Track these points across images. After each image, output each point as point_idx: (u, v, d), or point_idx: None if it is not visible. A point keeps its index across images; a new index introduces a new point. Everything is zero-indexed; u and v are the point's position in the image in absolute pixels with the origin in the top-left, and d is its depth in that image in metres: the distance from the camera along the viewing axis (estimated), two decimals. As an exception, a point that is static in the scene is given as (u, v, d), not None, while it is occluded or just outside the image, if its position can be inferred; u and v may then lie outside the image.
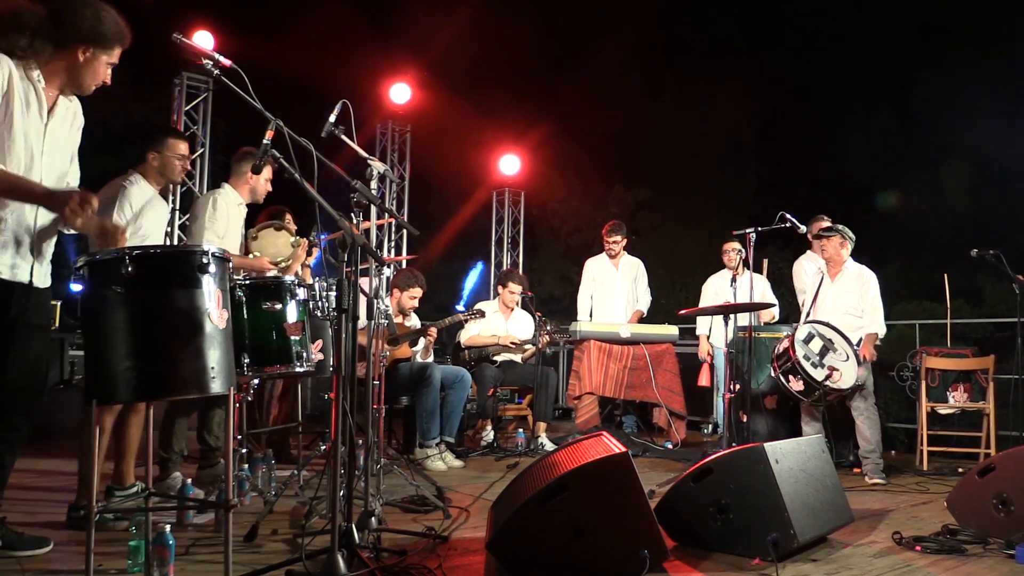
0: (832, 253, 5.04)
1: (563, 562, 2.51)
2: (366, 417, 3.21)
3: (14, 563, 2.54)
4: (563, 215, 20.05)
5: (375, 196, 3.04)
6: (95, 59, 2.58)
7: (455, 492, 3.96)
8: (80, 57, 2.56)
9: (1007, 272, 5.04)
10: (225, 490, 2.19)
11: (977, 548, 3.04)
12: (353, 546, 2.48)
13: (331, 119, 3.15)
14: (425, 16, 16.77)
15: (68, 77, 2.60)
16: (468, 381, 5.12)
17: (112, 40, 2.59)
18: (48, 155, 2.59)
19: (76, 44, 2.54)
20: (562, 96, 19.50)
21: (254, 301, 3.18)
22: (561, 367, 8.33)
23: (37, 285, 2.60)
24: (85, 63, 2.57)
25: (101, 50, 2.58)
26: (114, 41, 2.59)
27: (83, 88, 2.64)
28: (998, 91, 17.95)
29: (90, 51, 2.56)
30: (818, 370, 4.55)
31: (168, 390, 2.27)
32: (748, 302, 4.71)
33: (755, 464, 2.90)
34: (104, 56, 2.59)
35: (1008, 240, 7.78)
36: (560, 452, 3.10)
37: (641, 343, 6.02)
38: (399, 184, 9.27)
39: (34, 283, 2.58)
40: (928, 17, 20.03)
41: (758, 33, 21.97)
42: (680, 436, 5.98)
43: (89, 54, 2.56)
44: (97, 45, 2.56)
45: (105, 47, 2.58)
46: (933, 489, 4.46)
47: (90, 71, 2.59)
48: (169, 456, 3.78)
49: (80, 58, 2.56)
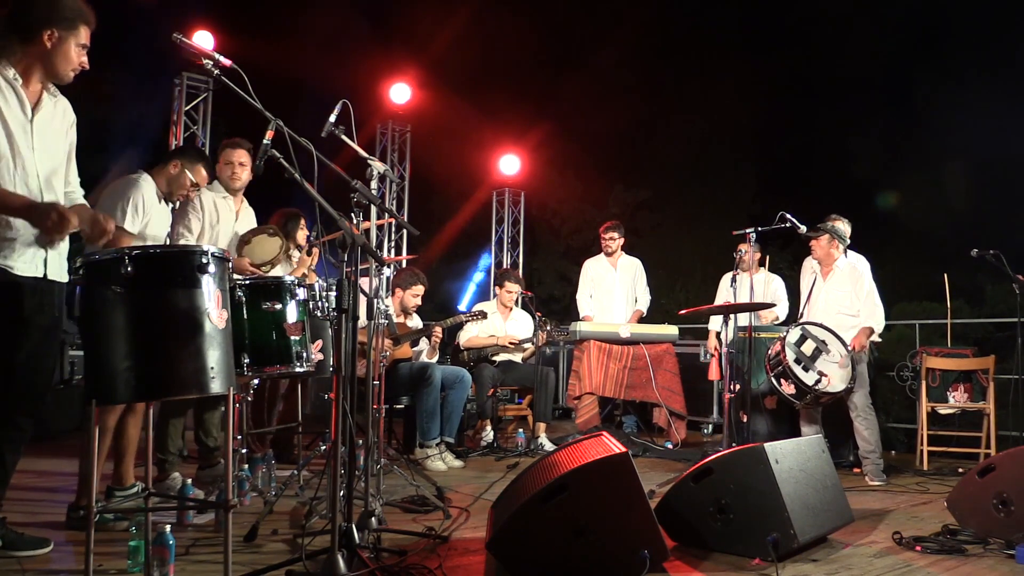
0: (822, 254, 5.01)
1: (563, 562, 2.51)
2: (366, 417, 3.21)
3: (14, 563, 2.54)
4: (563, 215, 20.03)
5: (375, 196, 3.04)
6: (63, 43, 2.55)
7: (455, 492, 3.96)
8: (47, 43, 2.53)
9: (1007, 272, 5.04)
10: (225, 490, 2.19)
11: (977, 548, 3.04)
12: (353, 546, 2.48)
13: (331, 119, 3.15)
14: (425, 16, 16.77)
15: (43, 68, 2.58)
16: (468, 381, 5.12)
17: (73, 19, 2.56)
18: (39, 152, 2.59)
19: (39, 31, 2.52)
20: (562, 96, 19.50)
21: (254, 301, 3.18)
22: (561, 367, 8.33)
23: (52, 278, 2.60)
24: (53, 48, 2.54)
25: (65, 31, 2.55)
26: (75, 20, 2.56)
27: (60, 75, 2.61)
28: (998, 91, 17.94)
29: (55, 34, 2.53)
30: (809, 374, 4.52)
31: (168, 390, 2.27)
32: (748, 302, 4.71)
33: (755, 464, 2.90)
34: (71, 38, 2.56)
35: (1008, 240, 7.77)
36: (560, 452, 3.10)
37: (641, 343, 6.02)
38: (399, 184, 9.27)
39: (48, 275, 2.59)
40: (928, 17, 20.03)
41: (758, 33, 21.98)
42: (680, 436, 5.98)
43: (55, 38, 2.54)
44: (59, 26, 2.53)
45: (68, 28, 2.55)
46: (933, 489, 4.46)
47: (61, 56, 2.56)
48: (166, 457, 3.77)
49: (47, 44, 2.53)
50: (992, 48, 19.31)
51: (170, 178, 3.45)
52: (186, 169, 3.45)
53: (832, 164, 20.72)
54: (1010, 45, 18.15)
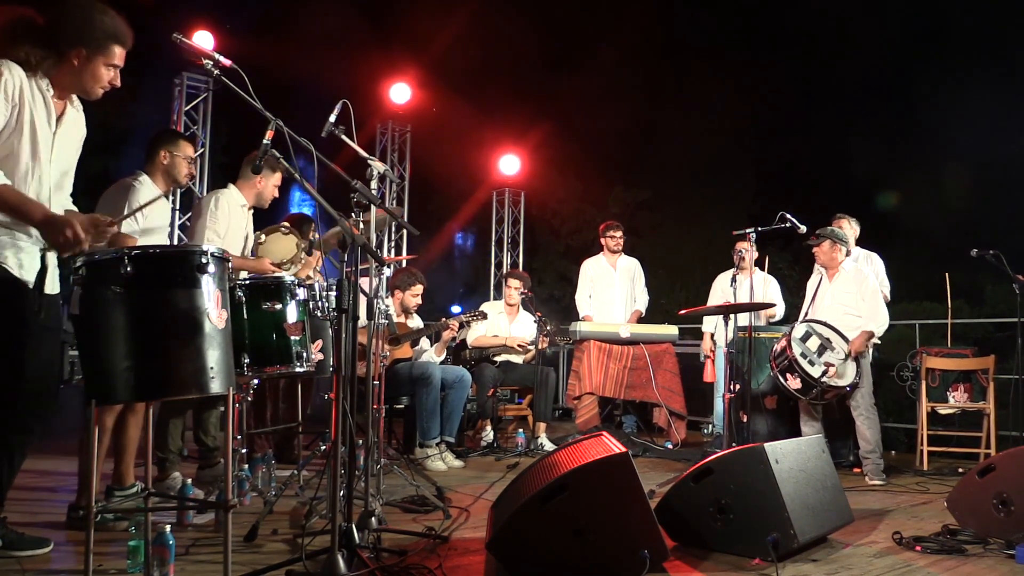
0: (825, 259, 5.01)
1: (563, 562, 2.51)
2: (366, 417, 3.21)
3: (14, 563, 2.54)
4: (563, 215, 20.03)
5: (375, 196, 3.04)
6: (90, 62, 2.52)
7: (455, 492, 3.96)
8: (75, 62, 2.51)
9: (1007, 272, 5.03)
10: (225, 490, 2.19)
11: (977, 548, 3.04)
12: (353, 546, 2.47)
13: (331, 119, 3.15)
14: (425, 16, 16.77)
15: (72, 82, 2.57)
16: (468, 381, 5.12)
17: (103, 40, 2.52)
18: (54, 163, 2.59)
19: (67, 50, 2.50)
20: (562, 96, 19.46)
21: (254, 301, 3.18)
22: (561, 367, 8.33)
23: (47, 292, 2.59)
24: (81, 66, 2.52)
25: (94, 52, 2.52)
26: (106, 41, 2.53)
27: (87, 92, 2.60)
28: (998, 91, 17.94)
29: (83, 53, 2.51)
30: (815, 367, 4.54)
31: (167, 390, 2.27)
32: (748, 302, 4.71)
33: (755, 464, 2.90)
34: (99, 58, 2.53)
35: (1008, 240, 7.77)
36: (560, 452, 3.10)
37: (641, 343, 6.02)
38: (399, 184, 9.28)
39: (45, 290, 2.57)
40: (928, 17, 20.02)
41: (758, 33, 21.97)
42: (680, 436, 5.98)
43: (83, 57, 2.51)
44: (88, 47, 2.51)
45: (97, 48, 2.52)
46: (933, 489, 4.46)
47: (88, 74, 2.54)
48: (166, 456, 3.78)
49: (75, 63, 2.51)
50: (992, 48, 19.32)
51: (165, 169, 3.46)
52: (174, 152, 3.46)
53: (832, 164, 20.72)
54: (1010, 45, 18.15)
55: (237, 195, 4.02)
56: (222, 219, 3.87)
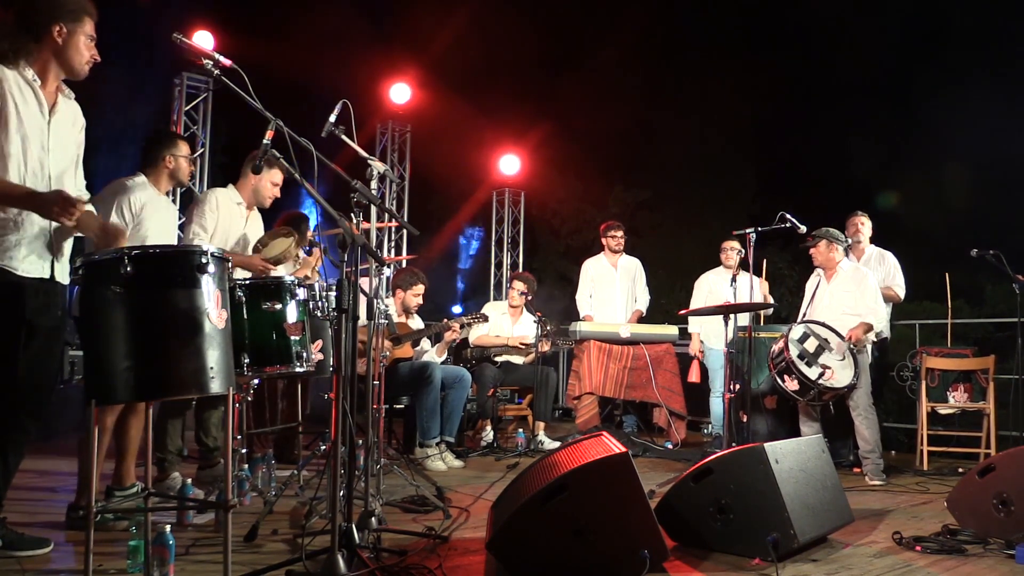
0: (822, 260, 5.01)
1: (563, 562, 2.51)
2: (366, 417, 3.21)
3: (14, 563, 2.54)
4: (563, 215, 20.04)
5: (375, 196, 3.04)
6: (72, 36, 2.58)
7: (455, 492, 3.96)
8: (58, 38, 2.56)
9: (1007, 272, 5.04)
10: (225, 490, 2.19)
11: (977, 548, 3.04)
12: (353, 546, 2.47)
13: (331, 119, 3.15)
14: (425, 16, 16.77)
15: (58, 64, 2.61)
16: (468, 381, 5.12)
17: (77, 11, 2.59)
18: (53, 152, 2.61)
19: (47, 26, 2.55)
20: (562, 96, 19.46)
21: (254, 301, 3.18)
22: (561, 367, 8.33)
23: (58, 279, 2.63)
24: (64, 43, 2.57)
25: (72, 24, 2.57)
26: (79, 12, 2.59)
27: (75, 69, 2.63)
28: (998, 91, 17.95)
29: (63, 28, 2.56)
30: (812, 368, 4.53)
31: (167, 390, 2.27)
32: (748, 302, 4.71)
33: (755, 464, 2.90)
34: (79, 30, 2.59)
35: (1008, 240, 7.78)
36: (560, 452, 3.09)
37: (641, 343, 6.02)
38: (399, 184, 9.27)
39: (56, 276, 2.61)
40: (928, 17, 20.03)
41: (758, 33, 21.99)
42: (680, 436, 5.98)
43: (64, 31, 2.57)
44: (66, 20, 2.56)
45: (74, 20, 2.58)
46: (933, 489, 4.46)
47: (73, 49, 2.59)
48: (165, 456, 3.77)
49: (58, 40, 2.56)
50: (992, 48, 19.32)
51: (171, 172, 3.48)
52: (176, 155, 3.48)
53: (832, 164, 20.74)
54: (1010, 45, 18.15)
55: (234, 194, 4.03)
56: (210, 216, 3.88)
